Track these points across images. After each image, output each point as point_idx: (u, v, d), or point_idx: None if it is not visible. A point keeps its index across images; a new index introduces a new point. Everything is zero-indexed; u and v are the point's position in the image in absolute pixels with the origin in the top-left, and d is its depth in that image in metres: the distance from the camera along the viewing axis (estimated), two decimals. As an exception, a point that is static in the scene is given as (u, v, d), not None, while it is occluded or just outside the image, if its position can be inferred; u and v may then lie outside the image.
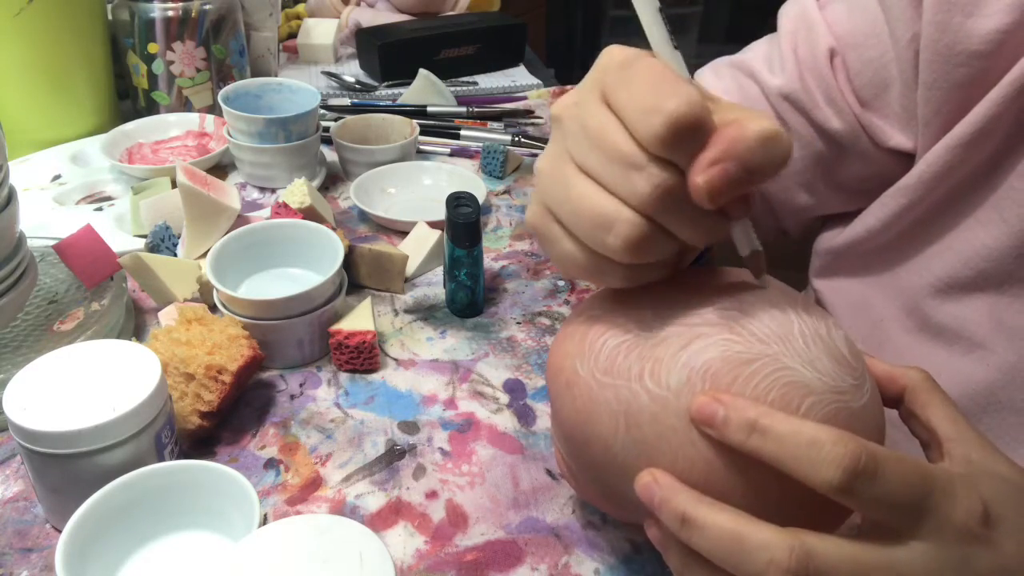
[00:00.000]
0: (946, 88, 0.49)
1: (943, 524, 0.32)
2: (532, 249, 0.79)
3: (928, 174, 0.51)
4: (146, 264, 0.64)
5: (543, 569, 0.48)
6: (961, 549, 0.32)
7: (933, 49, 0.49)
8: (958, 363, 0.52)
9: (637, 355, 0.38)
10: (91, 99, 0.92)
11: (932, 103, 0.51)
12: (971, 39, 0.47)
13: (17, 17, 0.82)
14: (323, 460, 0.55)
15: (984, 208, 0.50)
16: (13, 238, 0.57)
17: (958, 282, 0.51)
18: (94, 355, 0.50)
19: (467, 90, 1.15)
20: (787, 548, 0.31)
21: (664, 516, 0.35)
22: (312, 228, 0.67)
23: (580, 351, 0.40)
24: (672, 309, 0.38)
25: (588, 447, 0.40)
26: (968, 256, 0.50)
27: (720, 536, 0.33)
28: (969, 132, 0.48)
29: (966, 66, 0.48)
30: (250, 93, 0.87)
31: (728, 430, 0.34)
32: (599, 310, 0.41)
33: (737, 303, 0.38)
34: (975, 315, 0.51)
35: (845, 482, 0.31)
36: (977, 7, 0.47)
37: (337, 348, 0.62)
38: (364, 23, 1.26)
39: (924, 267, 0.54)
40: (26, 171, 0.85)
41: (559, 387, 0.41)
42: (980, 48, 0.47)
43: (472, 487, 0.53)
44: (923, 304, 0.54)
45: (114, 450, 0.47)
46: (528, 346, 0.66)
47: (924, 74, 0.50)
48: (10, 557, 0.48)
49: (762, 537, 0.32)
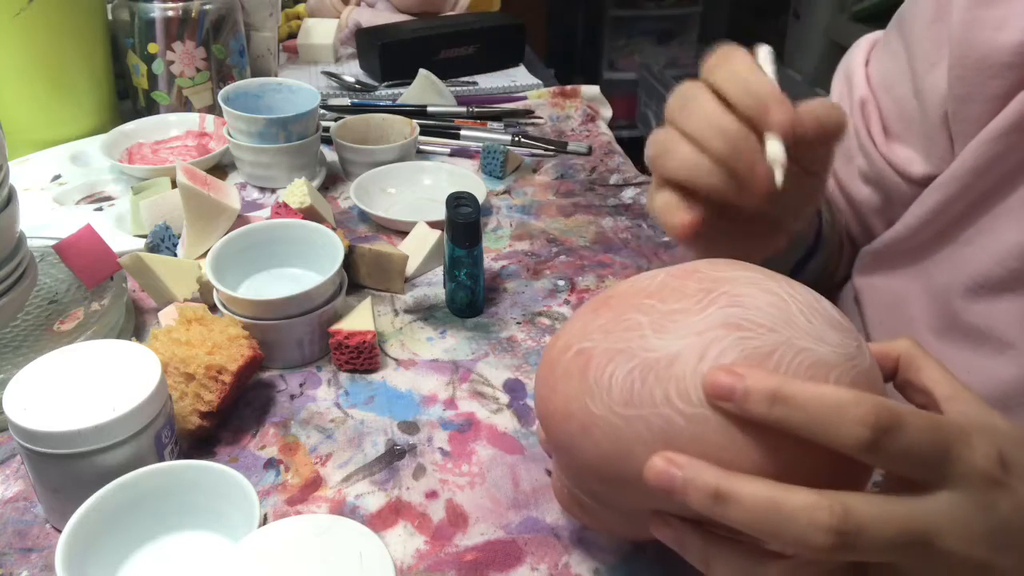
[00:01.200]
0: (982, 100, 0.51)
1: (967, 471, 0.33)
2: (532, 249, 0.79)
3: (962, 169, 0.52)
4: (146, 264, 0.64)
5: (543, 569, 0.48)
6: (986, 493, 0.33)
7: (964, 65, 0.51)
8: (987, 363, 0.52)
9: (654, 378, 0.36)
10: (91, 99, 0.92)
11: (970, 117, 0.52)
12: (1002, 52, 0.49)
13: (17, 17, 0.82)
14: (323, 460, 0.55)
15: (1018, 207, 0.50)
16: (13, 238, 0.57)
17: (989, 281, 0.52)
18: (94, 355, 0.50)
19: (467, 90, 1.15)
20: (826, 507, 0.32)
21: (692, 496, 0.34)
22: (312, 228, 0.67)
23: (585, 389, 0.38)
24: (670, 323, 0.37)
25: (625, 485, 0.38)
26: (1001, 255, 0.51)
27: (756, 505, 0.33)
28: (1004, 125, 0.49)
29: (999, 78, 0.50)
30: (250, 93, 0.87)
31: (749, 403, 0.34)
32: (586, 342, 0.39)
33: (731, 299, 0.37)
34: (1005, 315, 0.51)
35: (872, 440, 0.32)
36: (1007, 20, 0.49)
37: (337, 348, 0.62)
38: (364, 23, 1.25)
39: (957, 267, 0.54)
40: (26, 171, 0.85)
41: (571, 433, 0.39)
42: (1010, 60, 0.49)
43: (472, 487, 0.53)
44: (953, 304, 0.54)
45: (114, 450, 0.47)
46: (528, 346, 0.66)
47: (957, 89, 0.52)
48: (10, 557, 0.48)
49: (799, 500, 0.32)
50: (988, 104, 0.51)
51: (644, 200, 0.88)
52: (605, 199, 0.89)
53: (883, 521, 0.32)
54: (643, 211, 0.86)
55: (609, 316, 0.39)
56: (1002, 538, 0.33)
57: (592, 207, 0.87)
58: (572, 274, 0.75)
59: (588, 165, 0.95)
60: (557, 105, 1.09)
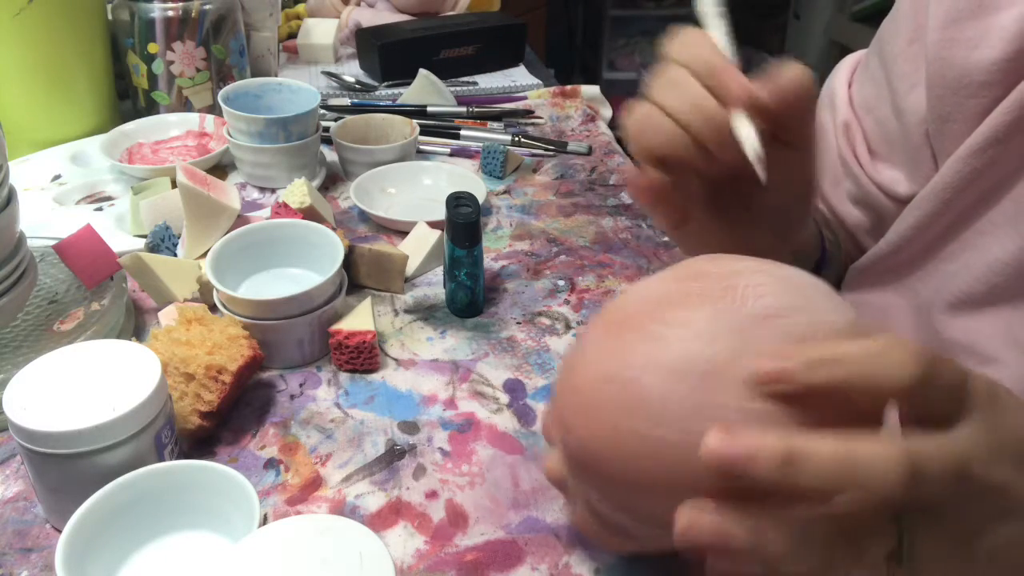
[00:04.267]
0: (962, 120, 0.51)
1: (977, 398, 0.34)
2: (532, 249, 0.79)
3: (941, 184, 0.52)
4: (146, 264, 0.64)
5: (543, 569, 0.48)
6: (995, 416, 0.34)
7: (942, 84, 0.51)
8: None
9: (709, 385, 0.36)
10: (91, 99, 0.92)
11: (950, 135, 0.52)
12: (978, 71, 0.49)
13: (17, 17, 0.82)
14: (323, 460, 0.55)
15: (999, 223, 0.51)
16: (13, 238, 0.57)
17: (971, 297, 0.52)
18: (94, 355, 0.50)
19: (467, 90, 1.15)
20: (895, 452, 0.32)
21: (761, 465, 0.32)
22: (312, 228, 0.67)
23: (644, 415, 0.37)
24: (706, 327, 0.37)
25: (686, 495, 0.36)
26: (982, 271, 0.51)
27: (832, 460, 0.32)
28: (981, 140, 0.49)
29: (977, 96, 0.50)
30: (250, 93, 0.87)
31: (801, 375, 0.34)
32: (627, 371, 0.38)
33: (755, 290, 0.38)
34: (988, 330, 0.51)
35: (924, 375, 0.32)
36: (981, 39, 0.49)
37: (337, 348, 0.62)
38: (364, 23, 1.25)
39: (941, 282, 0.54)
40: (26, 171, 0.85)
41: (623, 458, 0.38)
42: (986, 79, 0.49)
43: (472, 487, 0.53)
44: (937, 320, 0.54)
45: (114, 450, 0.47)
46: (528, 346, 0.66)
47: (937, 109, 0.52)
48: (10, 557, 0.48)
49: (870, 448, 0.32)
50: (967, 123, 0.51)
51: (644, 200, 0.88)
52: (605, 199, 0.89)
53: (940, 456, 0.32)
54: (643, 211, 0.86)
55: (636, 337, 0.39)
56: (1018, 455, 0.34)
57: (592, 207, 0.87)
58: (572, 274, 0.75)
59: (588, 165, 0.95)
60: (557, 105, 1.09)
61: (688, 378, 0.36)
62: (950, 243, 0.54)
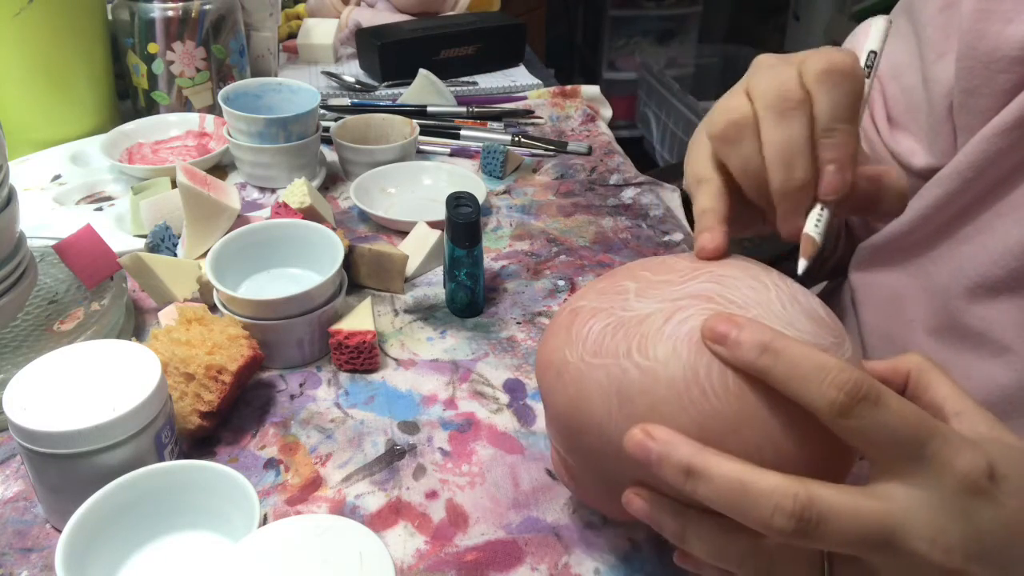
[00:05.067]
0: (989, 94, 0.50)
1: (943, 472, 0.32)
2: (532, 249, 0.79)
3: (964, 163, 0.51)
4: (146, 264, 0.64)
5: (543, 569, 0.48)
6: (962, 500, 0.32)
7: (972, 56, 0.50)
8: (984, 367, 0.52)
9: (623, 334, 0.39)
10: (91, 99, 0.92)
11: (974, 110, 0.51)
12: (1011, 46, 0.48)
13: (17, 17, 0.82)
14: (323, 460, 0.55)
15: (1018, 205, 0.50)
16: (13, 238, 0.57)
17: (988, 282, 0.51)
18: (94, 355, 0.50)
19: (467, 90, 1.15)
20: (792, 495, 0.32)
21: (666, 470, 0.35)
22: (312, 228, 0.67)
23: (568, 341, 0.41)
24: (653, 290, 0.40)
25: (583, 434, 0.40)
26: (1000, 254, 0.50)
27: (727, 485, 0.33)
28: (1009, 120, 0.49)
29: (1007, 72, 0.49)
30: (250, 93, 0.87)
31: (740, 349, 0.35)
32: (582, 301, 0.43)
33: (715, 278, 0.40)
34: (1003, 317, 0.51)
35: (847, 404, 0.32)
36: (1017, 13, 0.48)
37: (337, 348, 0.62)
38: (364, 23, 1.25)
39: (957, 265, 0.54)
40: (26, 171, 0.85)
41: (550, 379, 0.42)
42: (1019, 54, 0.48)
43: (472, 487, 0.53)
44: (952, 306, 0.54)
45: (114, 450, 0.47)
46: (528, 346, 0.66)
47: (964, 81, 0.51)
48: (10, 557, 0.48)
49: (768, 484, 0.33)
50: (995, 98, 0.50)
51: (644, 200, 0.88)
52: (605, 199, 0.89)
53: (848, 514, 0.32)
54: (643, 211, 0.86)
55: (608, 282, 0.43)
56: (979, 549, 0.32)
57: (592, 207, 0.87)
58: (572, 274, 0.75)
59: (588, 165, 0.95)
60: (557, 105, 1.09)
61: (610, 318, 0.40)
62: (967, 224, 0.53)
